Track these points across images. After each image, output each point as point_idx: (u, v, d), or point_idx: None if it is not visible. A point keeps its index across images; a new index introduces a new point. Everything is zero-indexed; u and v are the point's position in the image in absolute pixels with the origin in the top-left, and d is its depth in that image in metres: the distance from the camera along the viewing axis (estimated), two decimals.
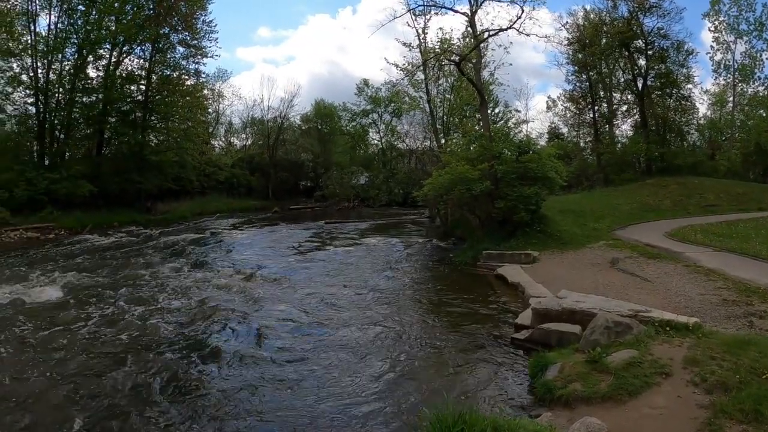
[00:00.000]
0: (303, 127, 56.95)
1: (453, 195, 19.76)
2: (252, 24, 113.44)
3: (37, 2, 32.83)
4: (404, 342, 9.54)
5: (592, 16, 41.21)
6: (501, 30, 22.47)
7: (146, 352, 8.97)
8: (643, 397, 5.89)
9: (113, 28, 34.59)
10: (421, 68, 33.74)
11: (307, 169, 55.74)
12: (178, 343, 9.50)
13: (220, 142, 57.71)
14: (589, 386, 6.23)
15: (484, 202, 19.65)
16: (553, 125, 50.75)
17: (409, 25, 33.42)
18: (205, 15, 40.43)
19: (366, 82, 56.10)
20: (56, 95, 33.96)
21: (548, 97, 66.15)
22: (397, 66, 35.54)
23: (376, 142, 59.10)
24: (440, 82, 38.58)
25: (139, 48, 37.39)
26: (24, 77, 33.23)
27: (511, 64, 40.43)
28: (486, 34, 23.39)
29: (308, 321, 10.87)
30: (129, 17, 34.80)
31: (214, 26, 40.52)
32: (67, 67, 34.28)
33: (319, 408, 6.91)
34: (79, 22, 34.13)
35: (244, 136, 57.98)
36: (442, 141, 33.92)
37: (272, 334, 9.95)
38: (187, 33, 39.24)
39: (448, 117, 38.28)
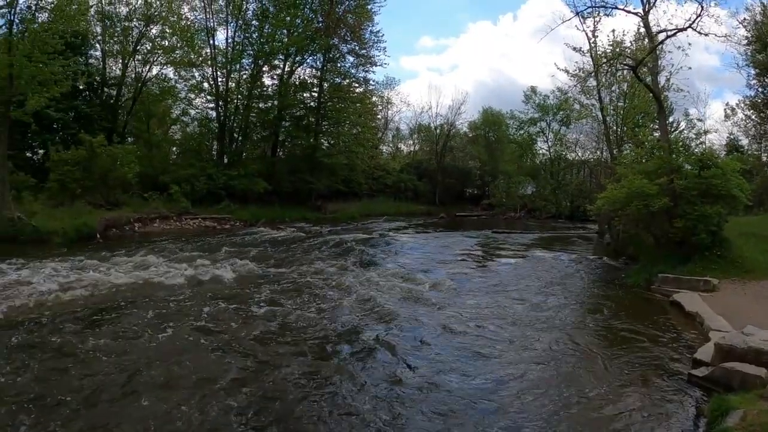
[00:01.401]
0: (470, 135, 55.55)
1: (629, 211, 17.14)
2: (415, 34, 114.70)
3: (215, 19, 36.14)
4: (566, 368, 8.66)
5: None
6: (679, 30, 19.04)
7: (311, 342, 9.20)
8: None
9: (285, 40, 36.42)
10: (593, 74, 30.77)
11: (474, 176, 54.30)
12: (341, 338, 9.60)
13: (388, 148, 58.15)
14: None
15: (660, 220, 16.74)
16: (732, 136, 43.57)
17: (577, 28, 30.54)
18: (372, 26, 41.11)
19: (533, 90, 53.38)
20: (235, 101, 36.53)
21: (726, 105, 56.57)
22: (567, 72, 32.96)
23: (543, 151, 55.91)
24: (613, 88, 35.04)
25: (310, 58, 38.99)
26: (205, 85, 36.42)
27: (690, 68, 35.38)
28: (663, 35, 20.33)
29: (466, 331, 10.35)
30: (300, 30, 36.51)
31: (381, 36, 41.12)
32: (244, 76, 36.95)
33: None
34: (254, 35, 36.57)
35: (411, 142, 58.14)
36: (615, 152, 30.48)
37: (432, 341, 9.62)
38: (355, 43, 40.18)
39: (621, 126, 34.61)
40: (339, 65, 39.99)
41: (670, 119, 37.48)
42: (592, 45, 29.98)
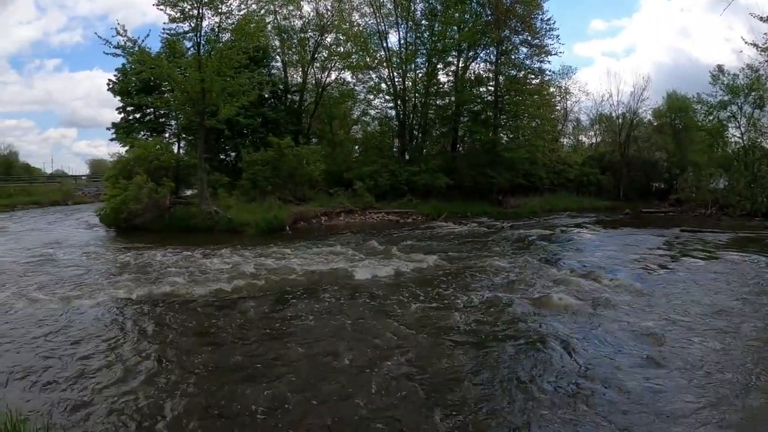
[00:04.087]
0: (655, 123, 49.49)
1: None
2: (584, 17, 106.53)
3: (385, 22, 36.14)
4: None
5: None
6: None
7: (487, 334, 8.84)
8: None
9: (456, 36, 35.35)
10: None
11: (660, 168, 47.93)
12: (519, 336, 8.84)
13: (569, 140, 53.66)
14: None
15: None
16: None
17: None
18: (542, 14, 37.86)
19: (721, 69, 46.18)
20: (412, 99, 35.94)
21: None
22: (756, 46, 27.70)
23: (736, 138, 48.11)
24: None
25: (483, 52, 37.02)
26: (383, 86, 36.72)
27: None
28: None
29: (655, 336, 8.69)
30: (469, 25, 35.10)
31: (553, 23, 37.58)
32: (419, 75, 36.23)
33: None
34: (425, 34, 35.88)
35: (592, 133, 53.15)
36: None
37: (617, 346, 8.27)
38: (527, 33, 37.24)
39: None
40: (513, 57, 37.33)
41: None
42: None
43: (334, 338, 8.70)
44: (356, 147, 40.83)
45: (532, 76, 37.83)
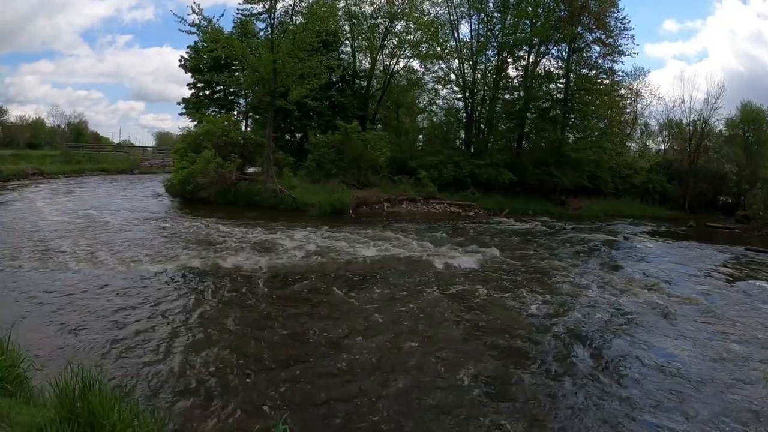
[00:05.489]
0: (726, 134, 46.94)
1: None
2: (656, 17, 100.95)
3: (457, 12, 35.08)
4: None
5: None
6: None
7: (544, 338, 8.65)
8: None
9: (528, 31, 34.12)
10: None
11: (729, 182, 45.50)
12: (576, 338, 8.70)
13: (636, 144, 51.30)
14: None
15: None
16: None
17: None
18: (617, 12, 36.12)
19: None
20: (481, 92, 35.03)
21: None
22: None
23: None
24: None
25: (555, 48, 35.52)
26: (452, 76, 36.01)
27: None
28: None
29: (723, 356, 8.25)
30: (542, 20, 33.71)
31: (627, 23, 35.76)
32: (489, 68, 35.10)
33: None
34: (497, 27, 34.73)
35: (659, 139, 50.71)
36: None
37: (680, 362, 7.89)
38: (600, 31, 35.62)
39: None
40: (585, 55, 35.73)
41: None
42: None
43: (398, 325, 8.84)
44: (420, 136, 40.54)
45: (604, 76, 36.15)
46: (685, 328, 9.64)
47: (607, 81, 36.20)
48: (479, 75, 34.81)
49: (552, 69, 35.79)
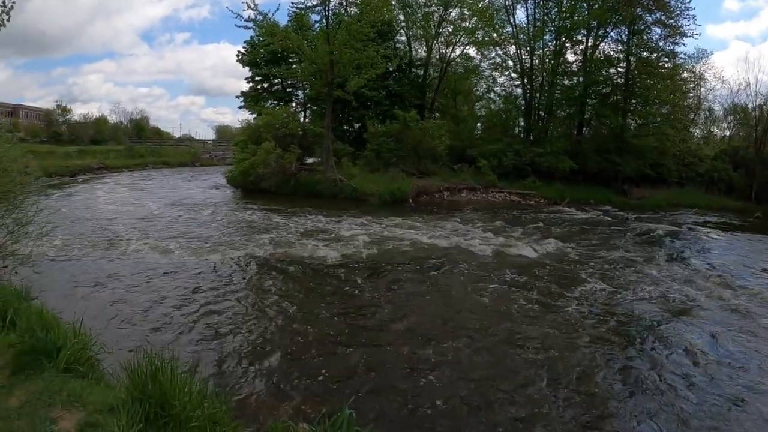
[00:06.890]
0: None
1: None
2: None
3: None
4: None
5: None
6: None
7: (608, 329, 8.32)
8: None
9: (586, 14, 32.82)
10: None
11: None
12: (638, 336, 8.24)
13: (700, 131, 48.85)
14: None
15: None
16: None
17: None
18: None
19: None
20: (539, 78, 34.09)
21: None
22: None
23: None
24: None
25: (614, 31, 33.98)
26: (509, 63, 35.36)
27: None
28: None
29: None
30: (600, 2, 32.33)
31: (688, 2, 33.73)
32: (547, 53, 34.13)
33: None
34: (554, 11, 33.78)
35: (725, 125, 48.15)
36: None
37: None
38: (660, 12, 33.86)
39: None
40: (645, 38, 33.96)
41: None
42: None
43: (466, 314, 8.77)
44: (478, 124, 39.88)
45: (665, 59, 34.29)
46: (756, 326, 8.99)
47: (669, 64, 34.29)
48: (537, 61, 33.92)
49: (611, 53, 34.41)
